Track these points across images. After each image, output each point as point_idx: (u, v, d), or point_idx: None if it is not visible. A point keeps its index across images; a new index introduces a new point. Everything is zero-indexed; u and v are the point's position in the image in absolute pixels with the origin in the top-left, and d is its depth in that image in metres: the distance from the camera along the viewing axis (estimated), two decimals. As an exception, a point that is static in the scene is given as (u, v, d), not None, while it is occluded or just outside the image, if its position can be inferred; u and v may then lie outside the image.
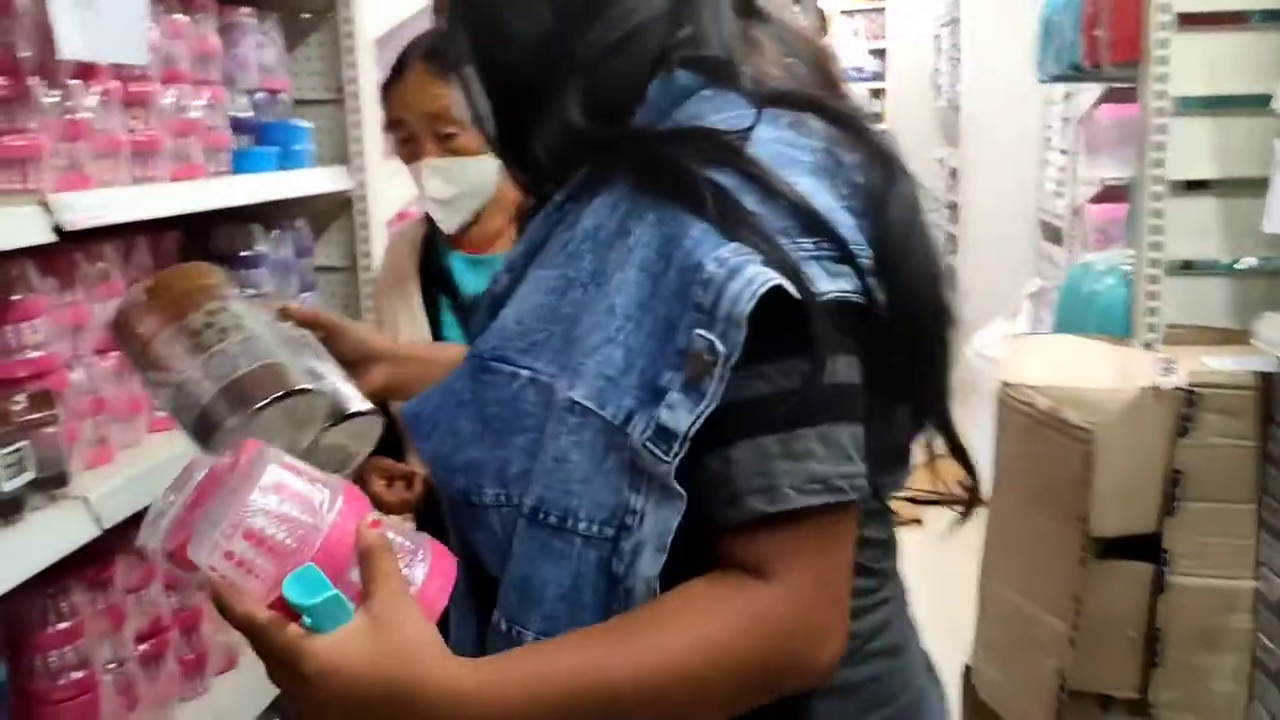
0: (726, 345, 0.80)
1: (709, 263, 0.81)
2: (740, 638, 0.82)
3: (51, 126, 1.60)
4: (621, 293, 0.85)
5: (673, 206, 0.84)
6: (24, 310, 1.57)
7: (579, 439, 0.85)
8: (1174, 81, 2.16)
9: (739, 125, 0.87)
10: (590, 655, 0.81)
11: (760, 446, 0.82)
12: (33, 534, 1.47)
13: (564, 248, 0.91)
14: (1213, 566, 2.00)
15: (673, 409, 0.81)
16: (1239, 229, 2.25)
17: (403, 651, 0.77)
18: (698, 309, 0.81)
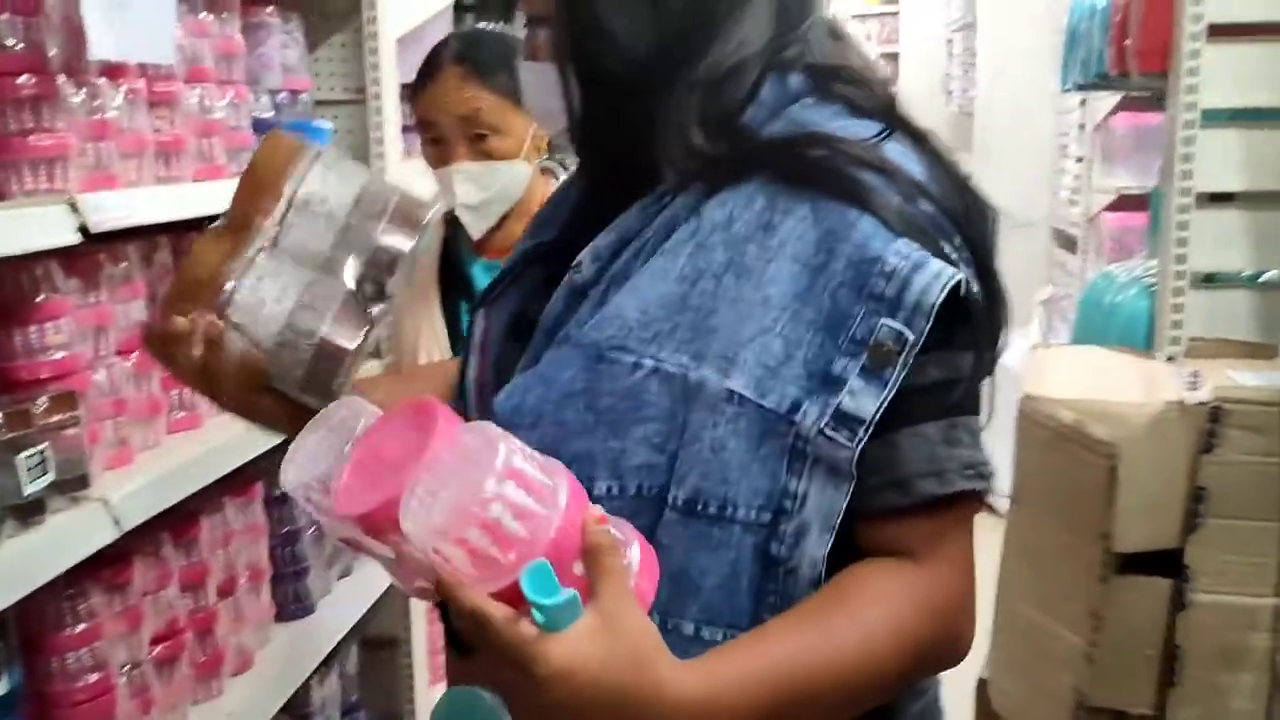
0: (913, 333, 0.85)
1: (890, 255, 0.86)
2: (922, 619, 0.87)
3: (79, 126, 1.60)
4: (776, 284, 0.88)
5: (830, 202, 0.88)
6: (48, 311, 1.57)
7: (736, 428, 0.87)
8: (1202, 92, 2.15)
9: (862, 134, 0.92)
10: (793, 648, 0.84)
11: (924, 433, 0.88)
12: (54, 536, 1.47)
13: (692, 241, 0.92)
14: (1234, 584, 1.99)
15: (855, 395, 0.85)
16: (1264, 241, 2.24)
17: (635, 656, 0.77)
18: (878, 299, 0.86)
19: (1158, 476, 1.96)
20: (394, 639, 2.70)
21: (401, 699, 2.72)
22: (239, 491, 2.07)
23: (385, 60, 2.49)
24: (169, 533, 1.85)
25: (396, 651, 2.71)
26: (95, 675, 1.64)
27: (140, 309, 1.83)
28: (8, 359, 1.53)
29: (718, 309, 0.89)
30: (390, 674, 2.70)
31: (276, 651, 2.17)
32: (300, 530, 2.30)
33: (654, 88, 0.94)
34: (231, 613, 2.03)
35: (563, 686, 0.75)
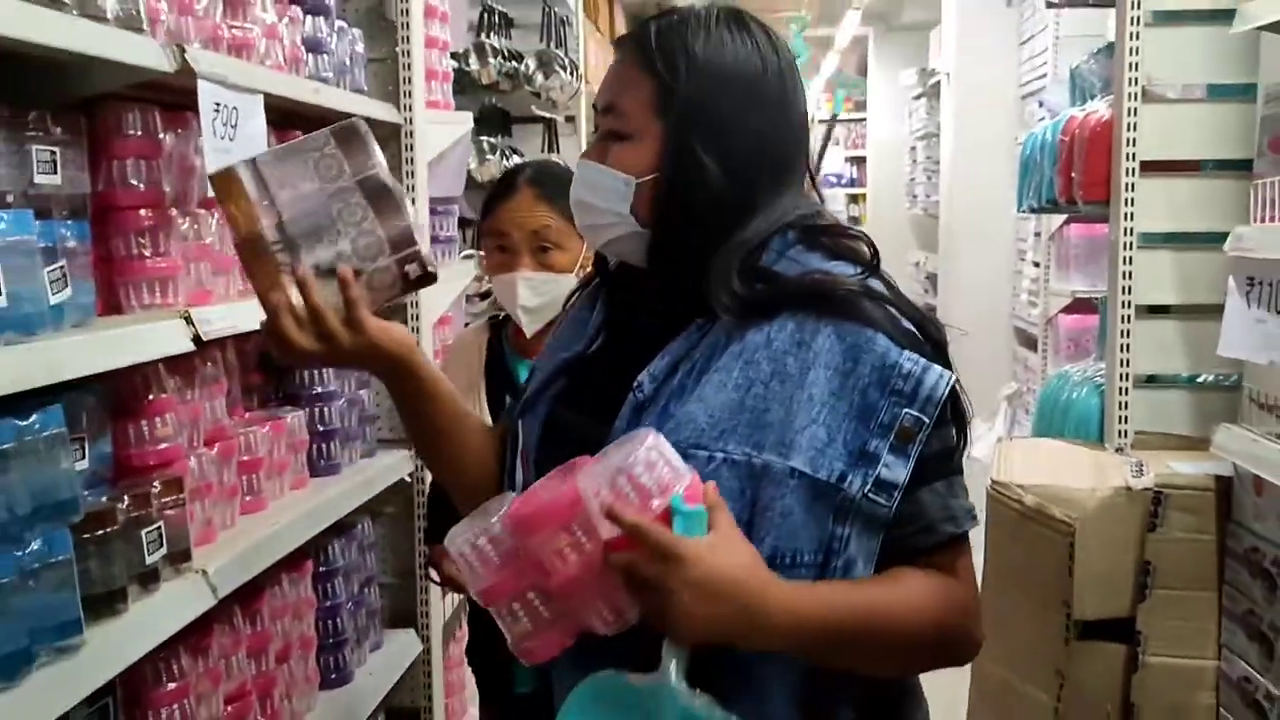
0: (928, 418, 1.14)
1: (905, 363, 1.15)
2: (948, 609, 1.16)
3: (185, 249, 1.86)
4: (815, 386, 1.15)
5: (848, 324, 1.16)
6: (158, 407, 1.81)
7: (797, 497, 1.13)
8: (1139, 219, 2.46)
9: (847, 273, 1.21)
10: (860, 597, 1.13)
11: (937, 490, 1.17)
12: (167, 601, 1.68)
13: (741, 360, 1.17)
14: (1181, 648, 2.23)
15: (890, 467, 1.13)
16: (1198, 348, 2.52)
17: (747, 561, 1.09)
18: (897, 395, 1.14)
19: (1110, 552, 2.21)
20: (416, 710, 2.89)
21: (423, 767, 2.90)
22: (294, 567, 2.30)
23: (419, 181, 2.78)
24: (238, 604, 2.07)
25: (419, 721, 2.90)
26: (184, 729, 1.84)
27: (222, 406, 2.09)
28: (124, 447, 1.76)
29: (770, 408, 1.14)
30: (413, 743, 2.89)
31: (321, 717, 2.37)
32: (341, 605, 2.52)
33: (708, 243, 1.22)
34: (286, 678, 2.24)
35: (698, 569, 1.05)
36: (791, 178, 1.27)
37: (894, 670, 1.21)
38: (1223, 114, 2.46)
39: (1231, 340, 2.06)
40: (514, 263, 1.97)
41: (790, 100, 1.26)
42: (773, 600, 1.08)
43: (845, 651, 1.14)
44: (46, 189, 1.57)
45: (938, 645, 1.19)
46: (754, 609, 1.08)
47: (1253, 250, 1.99)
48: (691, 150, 1.21)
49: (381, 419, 2.79)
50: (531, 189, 1.97)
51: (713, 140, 1.21)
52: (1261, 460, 1.97)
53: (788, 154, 1.26)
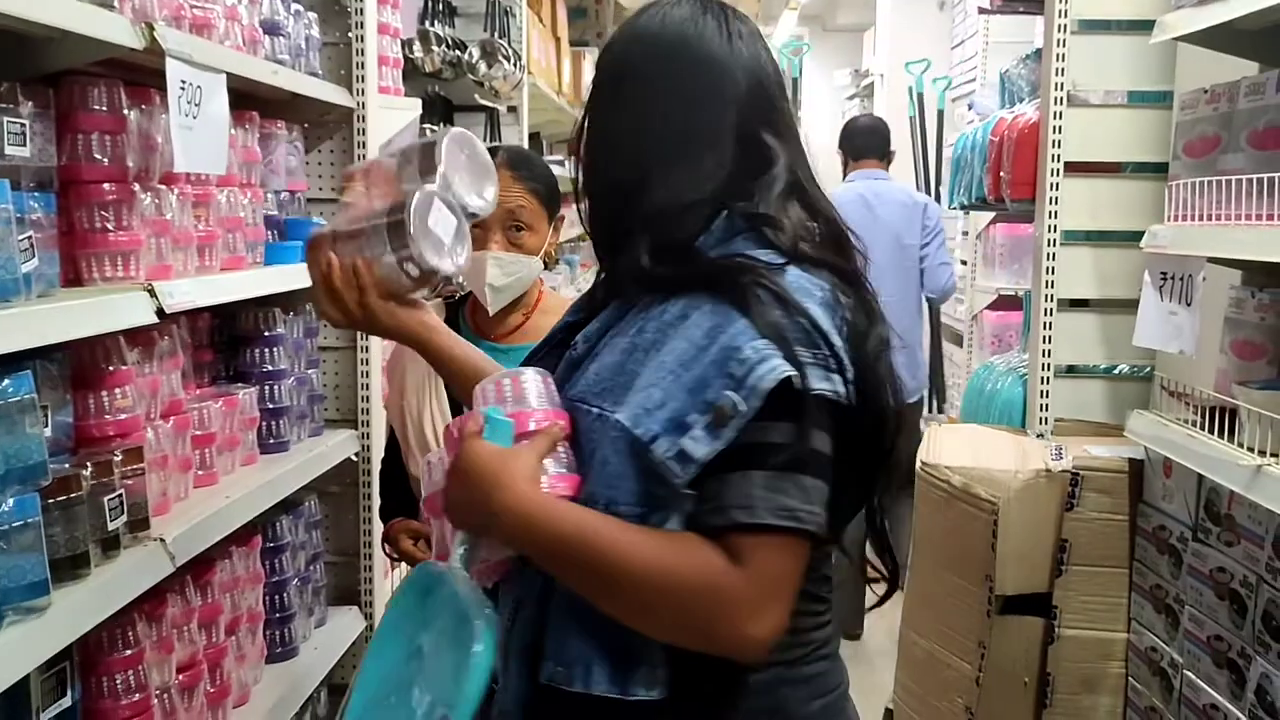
0: (746, 407, 1.13)
1: (746, 349, 1.15)
2: (697, 577, 1.13)
3: (147, 224, 1.89)
4: (671, 354, 1.18)
5: (724, 305, 1.18)
6: (119, 379, 1.84)
7: (616, 448, 1.18)
8: (1062, 217, 2.59)
9: (775, 263, 1.23)
10: (605, 524, 1.16)
11: (751, 478, 1.14)
12: (128, 567, 1.72)
13: (637, 327, 1.24)
14: (1093, 621, 2.36)
15: (695, 441, 1.14)
16: (1114, 340, 2.66)
17: (509, 462, 1.19)
18: (729, 378, 1.14)
19: (1030, 531, 2.34)
20: (359, 686, 2.93)
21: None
22: (243, 542, 2.34)
23: (370, 165, 2.82)
24: (191, 575, 2.10)
25: (361, 697, 2.93)
26: (138, 695, 1.87)
27: (179, 380, 2.12)
28: (85, 417, 1.80)
29: (639, 372, 1.20)
30: None
31: (268, 689, 2.42)
32: (288, 580, 2.56)
33: (619, 215, 1.29)
34: (236, 650, 2.29)
35: (466, 457, 1.21)
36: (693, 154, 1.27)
37: (627, 616, 1.17)
38: (1143, 119, 2.59)
39: (1145, 331, 2.19)
40: (485, 239, 2.01)
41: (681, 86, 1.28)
42: (506, 496, 1.18)
43: (568, 570, 1.18)
44: (16, 160, 1.60)
45: (677, 611, 1.15)
46: (486, 499, 1.18)
47: (1166, 247, 2.12)
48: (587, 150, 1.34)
49: (329, 399, 2.84)
50: (508, 169, 2.02)
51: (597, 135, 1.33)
52: (1171, 444, 2.10)
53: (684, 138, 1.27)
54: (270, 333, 2.50)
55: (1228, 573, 2.00)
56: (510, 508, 1.18)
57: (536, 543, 1.19)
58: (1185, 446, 2.03)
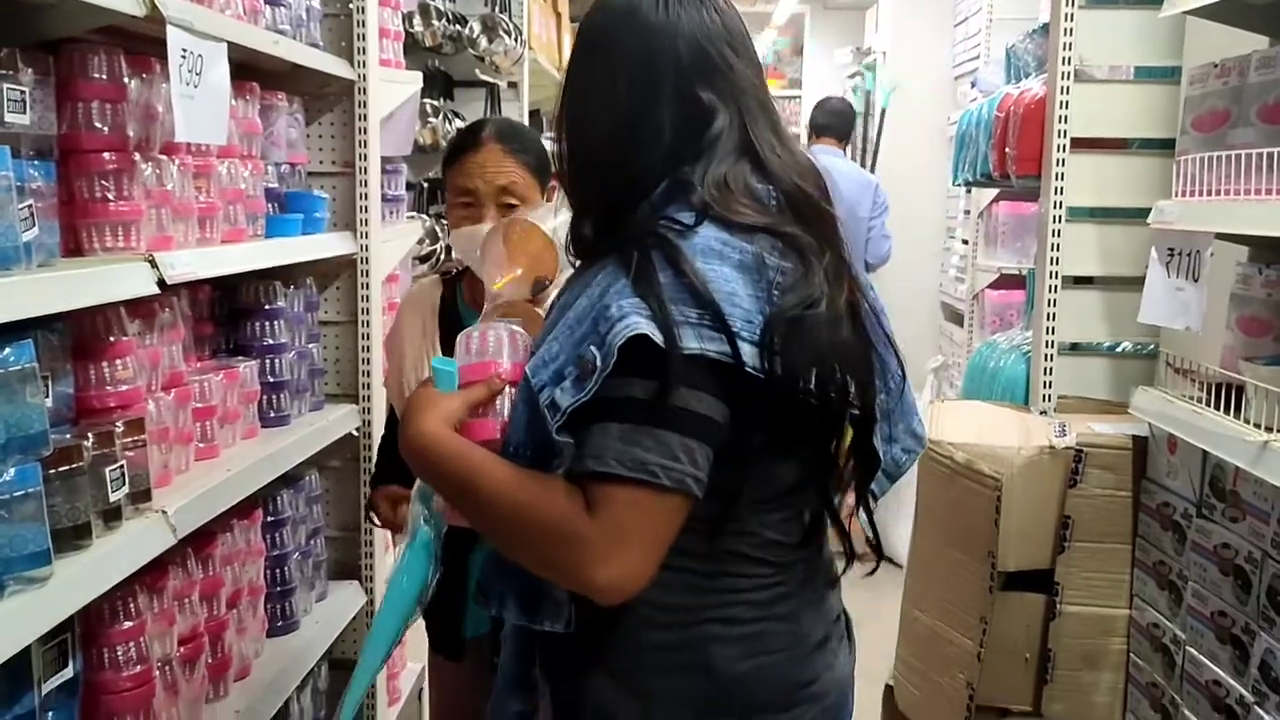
0: (603, 362, 1.18)
1: (613, 307, 1.20)
2: (551, 519, 1.21)
3: (147, 194, 1.87)
4: (573, 311, 1.26)
5: (617, 266, 1.24)
6: (120, 350, 1.83)
7: (523, 395, 1.28)
8: (1068, 194, 2.58)
9: (688, 225, 1.26)
10: (488, 465, 1.27)
11: (609, 430, 1.19)
12: (128, 540, 1.71)
13: (572, 291, 1.32)
14: (1095, 597, 2.36)
15: (563, 392, 1.22)
16: (1118, 317, 2.65)
17: (428, 405, 1.33)
18: (597, 334, 1.21)
19: (1033, 507, 2.34)
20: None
21: (364, 716, 2.95)
22: (245, 515, 2.33)
23: (371, 137, 2.80)
24: (192, 548, 2.10)
25: (361, 672, 2.93)
26: (139, 666, 1.87)
27: (179, 352, 2.11)
28: (85, 388, 1.79)
29: (552, 327, 1.29)
30: (355, 693, 2.92)
31: (269, 662, 2.42)
32: (289, 554, 2.56)
33: (576, 198, 1.38)
34: (237, 623, 2.28)
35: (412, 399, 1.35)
36: (639, 121, 1.31)
37: (505, 549, 1.30)
38: (1150, 94, 2.58)
39: (1151, 308, 2.18)
40: (479, 216, 2.00)
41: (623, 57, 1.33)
42: (414, 431, 1.31)
43: (460, 505, 1.31)
44: (16, 128, 1.58)
45: (538, 547, 1.23)
46: (404, 431, 1.32)
47: (1173, 223, 2.11)
48: (560, 126, 1.40)
49: (329, 373, 2.83)
50: (498, 144, 2.00)
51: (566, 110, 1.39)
52: (1175, 420, 2.10)
53: (627, 101, 1.31)
54: (271, 306, 2.48)
55: (1232, 549, 2.00)
56: (415, 441, 1.31)
57: (433, 475, 1.32)
58: (1191, 423, 2.02)
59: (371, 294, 2.81)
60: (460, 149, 2.05)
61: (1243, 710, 1.95)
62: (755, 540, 1.30)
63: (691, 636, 1.29)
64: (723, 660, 1.29)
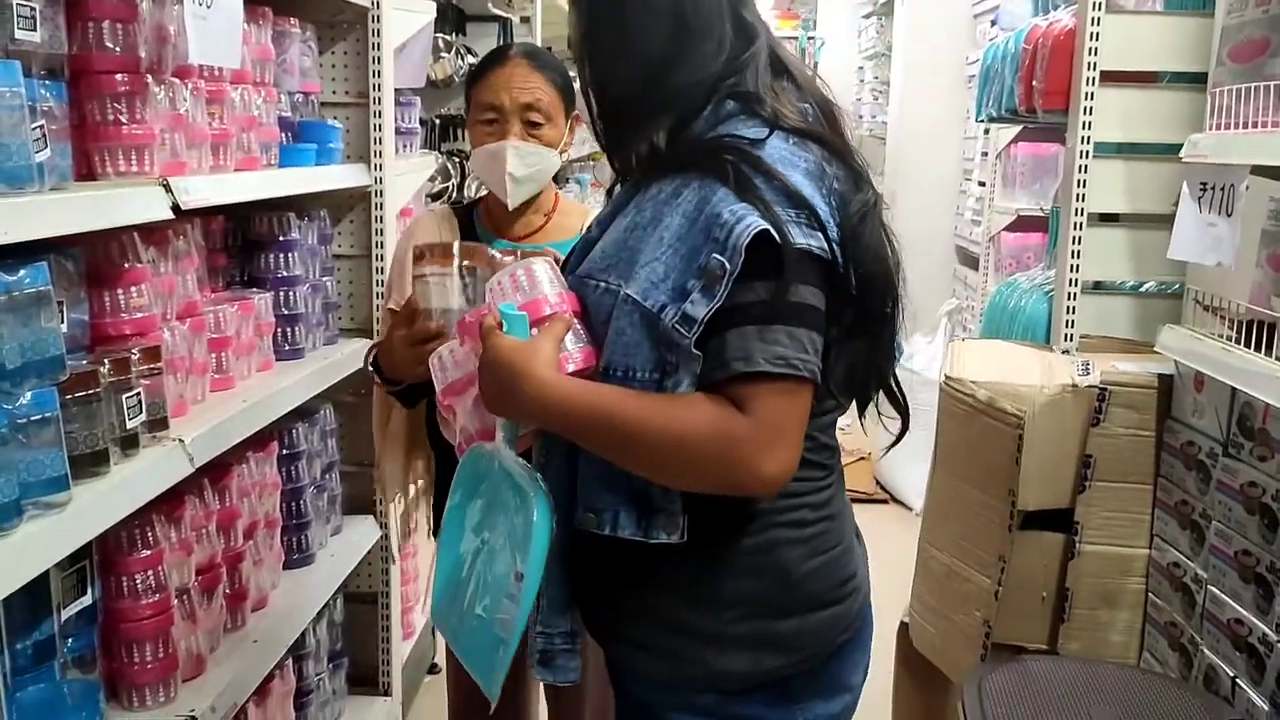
0: (731, 265, 1.22)
1: (725, 213, 1.25)
2: (708, 430, 1.24)
3: (160, 118, 1.84)
4: (668, 230, 1.29)
5: (709, 179, 1.29)
6: (134, 276, 1.81)
7: (631, 320, 1.29)
8: (1096, 129, 2.53)
9: (759, 137, 1.33)
10: (622, 397, 1.28)
11: (745, 333, 1.24)
12: (146, 467, 1.70)
13: (635, 206, 1.36)
14: (1115, 537, 2.35)
15: (694, 304, 1.24)
16: (1143, 256, 2.61)
17: (531, 353, 1.31)
18: (714, 241, 1.24)
19: (1054, 446, 2.31)
20: (374, 595, 2.94)
21: (378, 650, 2.96)
22: (260, 447, 2.32)
23: (385, 68, 2.75)
24: (208, 478, 2.09)
25: (376, 606, 2.95)
26: (157, 595, 1.86)
27: (194, 281, 2.08)
28: (100, 314, 1.76)
29: (639, 248, 1.31)
30: (370, 626, 2.94)
31: (286, 594, 2.42)
32: (304, 487, 2.55)
33: (634, 109, 1.38)
34: (254, 554, 2.28)
35: (492, 351, 1.33)
36: (693, 41, 1.37)
37: (651, 474, 1.30)
38: (1182, 26, 2.51)
39: (1182, 243, 2.14)
40: (504, 131, 1.96)
41: None
42: (530, 386, 1.30)
43: (591, 442, 1.30)
44: (26, 45, 1.54)
45: (695, 462, 1.25)
46: (515, 391, 1.31)
47: (1206, 156, 2.07)
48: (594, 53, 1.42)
49: (343, 307, 2.80)
50: (526, 60, 1.97)
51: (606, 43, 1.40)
52: (1204, 358, 2.06)
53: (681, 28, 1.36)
54: (285, 237, 2.45)
55: (1259, 487, 1.98)
56: (535, 396, 1.30)
57: (562, 424, 1.31)
58: (1220, 360, 1.99)
59: (386, 227, 2.78)
60: (486, 65, 2.02)
61: (1265, 649, 1.94)
62: (812, 444, 1.37)
63: (763, 541, 1.36)
64: (791, 561, 1.37)
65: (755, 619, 1.37)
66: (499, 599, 1.33)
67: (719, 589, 1.36)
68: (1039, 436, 2.28)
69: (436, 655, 3.57)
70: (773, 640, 1.37)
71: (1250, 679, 1.98)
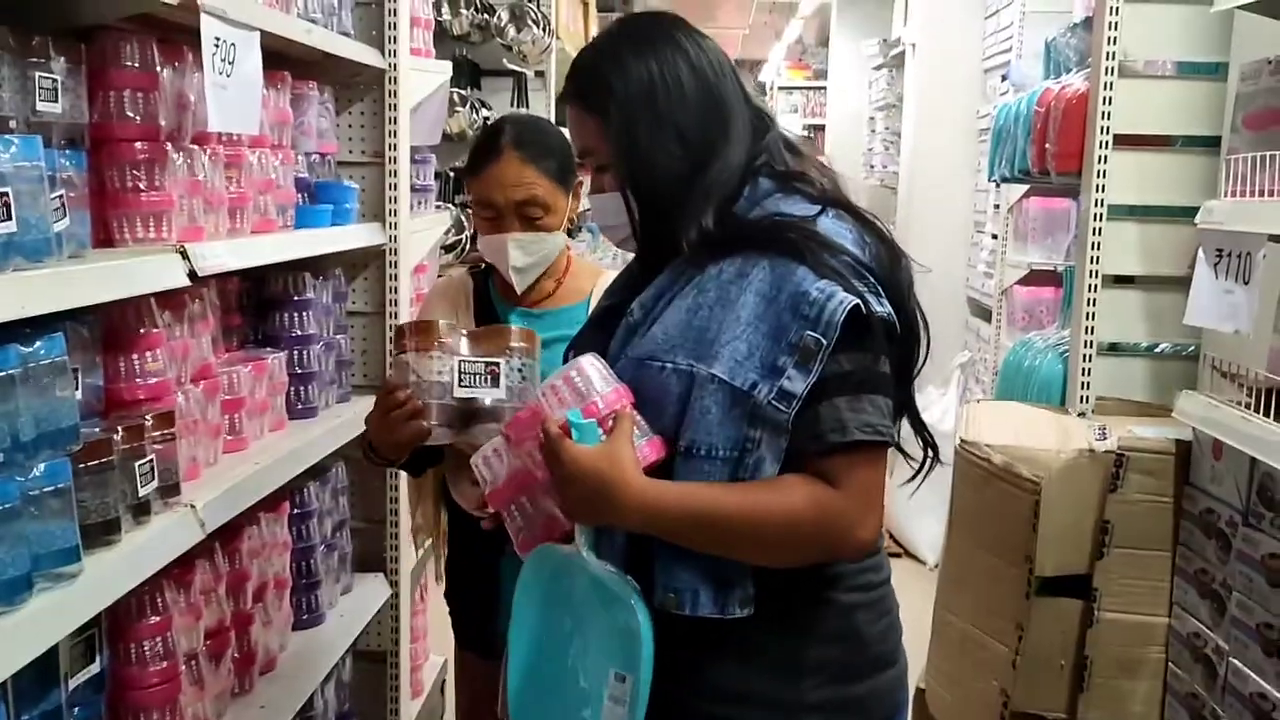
0: (827, 340, 1.28)
1: (812, 290, 1.30)
2: (810, 510, 1.30)
3: (178, 184, 1.85)
4: (744, 309, 1.33)
5: (781, 258, 1.33)
6: (150, 342, 1.81)
7: (716, 400, 1.32)
8: (1109, 191, 2.53)
9: (808, 214, 1.38)
10: (718, 494, 1.31)
11: (836, 404, 1.30)
12: (157, 535, 1.69)
13: (696, 288, 1.38)
14: (1134, 604, 2.32)
15: (791, 380, 1.29)
16: (1159, 318, 2.60)
17: (617, 462, 1.32)
18: (805, 319, 1.30)
19: (1072, 511, 2.29)
20: (383, 654, 2.92)
21: (387, 709, 2.93)
22: (272, 508, 2.31)
23: (402, 127, 2.77)
24: (219, 541, 2.08)
25: (385, 665, 2.92)
26: (166, 662, 1.85)
27: (209, 343, 2.08)
28: (115, 380, 1.76)
29: (709, 327, 1.35)
30: (378, 685, 2.91)
31: (295, 655, 2.40)
32: (315, 547, 2.54)
33: (680, 197, 1.42)
34: (263, 616, 2.26)
35: (571, 465, 1.32)
36: (730, 125, 1.44)
37: (757, 558, 1.34)
38: (1194, 91, 2.52)
39: (1199, 309, 2.13)
40: (504, 226, 1.98)
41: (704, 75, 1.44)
42: (628, 491, 1.31)
43: (694, 540, 1.33)
44: (48, 117, 1.56)
45: (797, 543, 1.33)
46: (609, 496, 1.31)
47: (1222, 223, 2.06)
48: (632, 151, 1.44)
49: (356, 364, 2.80)
50: (516, 153, 1.97)
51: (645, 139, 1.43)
52: (1222, 425, 2.05)
53: (717, 115, 1.43)
54: (299, 297, 2.46)
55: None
56: (635, 507, 1.32)
57: (663, 528, 1.34)
58: (1238, 429, 1.97)
59: (400, 284, 2.78)
60: (480, 158, 2.02)
61: (1288, 724, 1.91)
62: None
63: (841, 606, 1.40)
64: (864, 624, 1.42)
65: (832, 685, 1.39)
66: (599, 703, 1.35)
67: (799, 657, 1.39)
68: (1056, 502, 2.26)
69: (445, 714, 3.53)
70: (847, 705, 1.41)
71: (1274, 754, 1.94)
